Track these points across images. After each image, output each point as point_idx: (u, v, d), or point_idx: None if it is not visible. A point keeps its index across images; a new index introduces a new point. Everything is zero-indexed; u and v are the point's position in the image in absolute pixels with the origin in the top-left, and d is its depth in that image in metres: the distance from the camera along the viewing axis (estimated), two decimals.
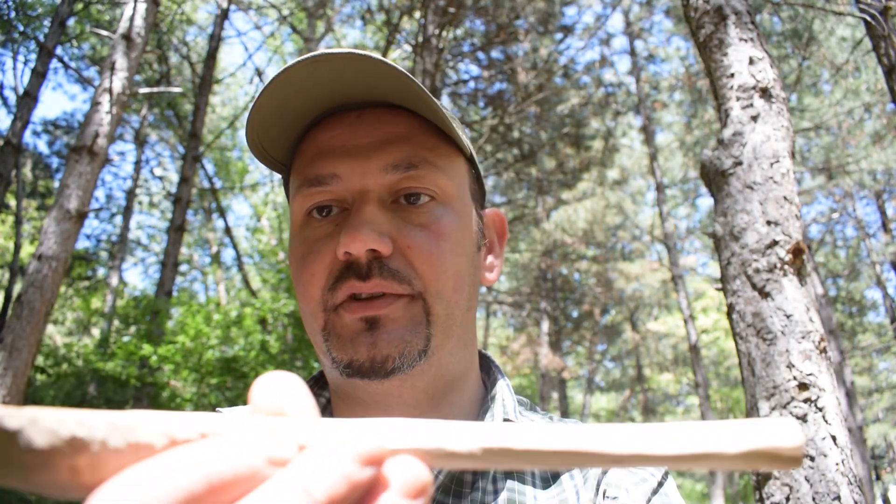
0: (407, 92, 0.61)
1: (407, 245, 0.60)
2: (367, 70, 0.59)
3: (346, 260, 0.59)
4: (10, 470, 0.21)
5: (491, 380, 0.71)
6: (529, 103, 11.89)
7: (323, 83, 0.60)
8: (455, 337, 0.63)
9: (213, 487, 0.21)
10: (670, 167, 17.22)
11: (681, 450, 0.25)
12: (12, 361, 3.96)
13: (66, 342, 11.89)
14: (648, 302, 19.90)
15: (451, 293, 0.62)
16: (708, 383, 13.80)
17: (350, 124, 0.64)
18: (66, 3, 8.66)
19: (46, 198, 14.87)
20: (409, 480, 0.23)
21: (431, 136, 0.65)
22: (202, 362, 6.54)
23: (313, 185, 0.62)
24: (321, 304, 0.61)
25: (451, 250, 0.62)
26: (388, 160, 0.62)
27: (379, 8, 10.55)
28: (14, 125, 8.28)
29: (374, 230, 0.58)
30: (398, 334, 0.59)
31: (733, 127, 2.29)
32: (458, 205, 0.65)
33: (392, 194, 0.62)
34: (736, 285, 2.12)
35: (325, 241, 0.62)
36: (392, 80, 0.60)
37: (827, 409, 1.85)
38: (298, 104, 0.62)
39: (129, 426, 0.23)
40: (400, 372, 0.58)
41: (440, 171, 0.63)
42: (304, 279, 0.62)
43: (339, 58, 0.58)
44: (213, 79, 10.77)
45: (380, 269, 0.59)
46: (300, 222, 0.64)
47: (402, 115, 0.64)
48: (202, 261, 21.02)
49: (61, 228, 4.30)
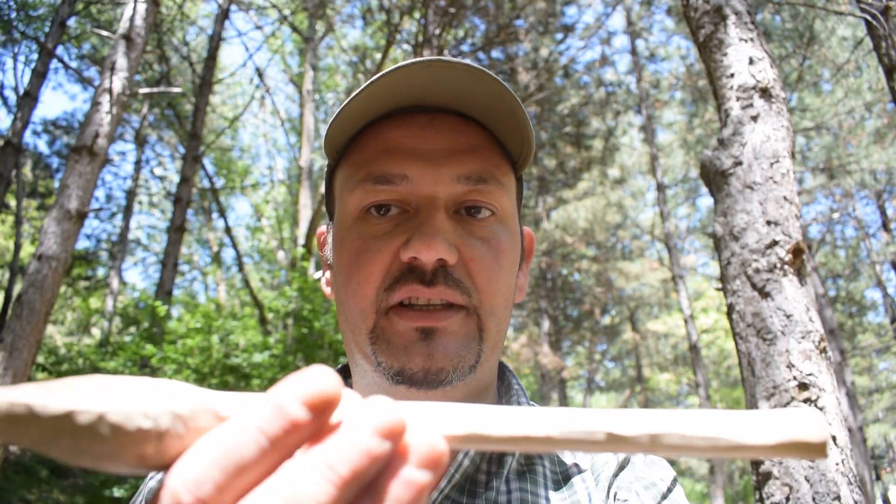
0: (496, 104, 0.61)
1: (470, 258, 0.61)
2: (462, 79, 0.59)
3: (408, 263, 0.59)
4: (83, 459, 0.24)
5: (505, 385, 0.71)
6: (530, 103, 11.88)
7: (416, 83, 0.60)
8: (497, 353, 0.64)
9: (252, 460, 0.23)
10: (671, 166, 17.21)
11: (713, 439, 0.26)
12: (12, 361, 3.96)
13: (66, 342, 11.89)
14: (648, 302, 19.90)
15: (502, 311, 0.62)
16: (708, 383, 13.80)
17: (422, 127, 0.63)
18: (66, 3, 8.66)
19: (46, 198, 14.88)
20: (424, 451, 0.24)
21: (498, 152, 0.65)
22: (204, 363, 6.54)
23: (379, 182, 0.61)
24: (374, 304, 0.60)
25: (506, 267, 0.63)
26: (461, 171, 0.61)
27: (379, 8, 10.55)
28: (14, 125, 8.29)
29: (445, 239, 0.58)
30: (454, 348, 0.59)
31: (733, 127, 2.28)
32: (513, 223, 0.66)
33: (456, 205, 0.63)
34: (736, 285, 2.12)
35: (384, 240, 0.61)
36: (486, 88, 0.60)
37: (827, 409, 1.85)
38: (378, 98, 0.61)
39: (190, 414, 0.25)
40: (449, 385, 0.59)
41: (503, 188, 0.64)
42: (361, 276, 0.61)
43: (453, 67, 0.58)
44: (214, 79, 10.77)
45: (445, 278, 0.58)
46: (356, 216, 0.63)
47: (473, 126, 0.64)
48: (202, 261, 21.03)
49: (61, 228, 4.30)
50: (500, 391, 0.72)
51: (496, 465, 0.63)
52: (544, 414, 0.27)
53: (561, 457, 0.67)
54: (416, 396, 0.60)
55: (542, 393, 15.51)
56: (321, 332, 6.80)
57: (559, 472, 0.65)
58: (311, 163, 11.45)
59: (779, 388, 1.91)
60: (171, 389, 0.26)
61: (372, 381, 0.63)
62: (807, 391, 1.87)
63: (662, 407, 23.10)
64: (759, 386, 1.97)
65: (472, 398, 0.64)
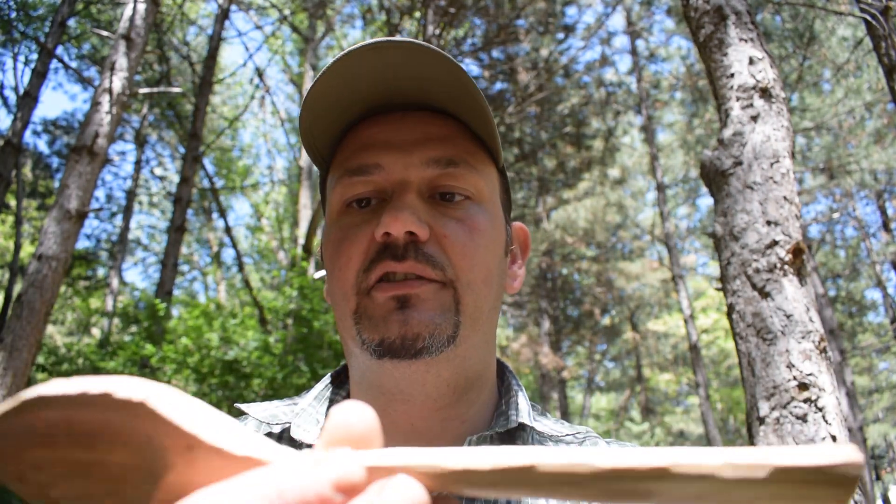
0: (460, 92, 0.63)
1: (443, 234, 0.62)
2: (423, 65, 0.61)
3: (383, 241, 0.61)
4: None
5: (505, 385, 0.72)
6: (530, 103, 11.89)
7: (378, 76, 0.63)
8: (480, 332, 0.65)
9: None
10: (671, 166, 17.21)
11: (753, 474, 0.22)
12: (12, 361, 3.96)
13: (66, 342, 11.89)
14: (648, 302, 19.91)
15: (480, 285, 0.63)
16: (708, 383, 13.80)
17: (394, 122, 0.66)
18: (66, 3, 8.66)
19: (46, 198, 14.87)
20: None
21: (470, 142, 0.67)
22: (203, 363, 6.54)
23: (355, 174, 0.64)
24: (355, 286, 0.62)
25: (483, 245, 0.64)
26: (430, 155, 0.64)
27: (379, 8, 10.55)
28: (14, 125, 8.29)
29: (414, 213, 0.60)
30: (428, 315, 0.60)
31: (733, 127, 2.28)
32: (491, 206, 0.68)
33: (430, 189, 0.65)
34: (736, 285, 2.12)
35: (362, 227, 0.63)
36: (448, 77, 0.62)
37: (827, 409, 1.85)
38: (349, 95, 0.64)
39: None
40: (428, 354, 0.59)
41: (477, 172, 0.66)
42: (341, 262, 0.63)
43: (401, 47, 0.60)
44: (214, 79, 10.77)
45: (415, 252, 0.60)
46: (338, 211, 0.66)
47: (445, 119, 0.67)
48: (202, 261, 21.03)
49: (61, 228, 4.30)
50: (501, 391, 0.72)
51: None
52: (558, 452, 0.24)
53: None
54: (398, 372, 0.61)
55: (542, 393, 15.51)
56: (321, 332, 6.80)
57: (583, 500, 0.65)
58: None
59: (779, 388, 1.91)
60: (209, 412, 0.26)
61: (362, 364, 0.64)
62: (807, 391, 1.87)
63: (662, 406, 23.09)
64: (759, 386, 1.96)
65: (463, 386, 0.64)
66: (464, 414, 0.65)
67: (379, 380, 0.63)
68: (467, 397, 0.65)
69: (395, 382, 0.62)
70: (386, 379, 0.62)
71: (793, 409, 1.86)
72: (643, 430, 21.78)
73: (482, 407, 0.68)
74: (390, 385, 0.62)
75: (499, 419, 0.66)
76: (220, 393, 6.88)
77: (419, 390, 0.62)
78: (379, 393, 0.63)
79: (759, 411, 1.94)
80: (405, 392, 0.62)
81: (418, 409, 0.63)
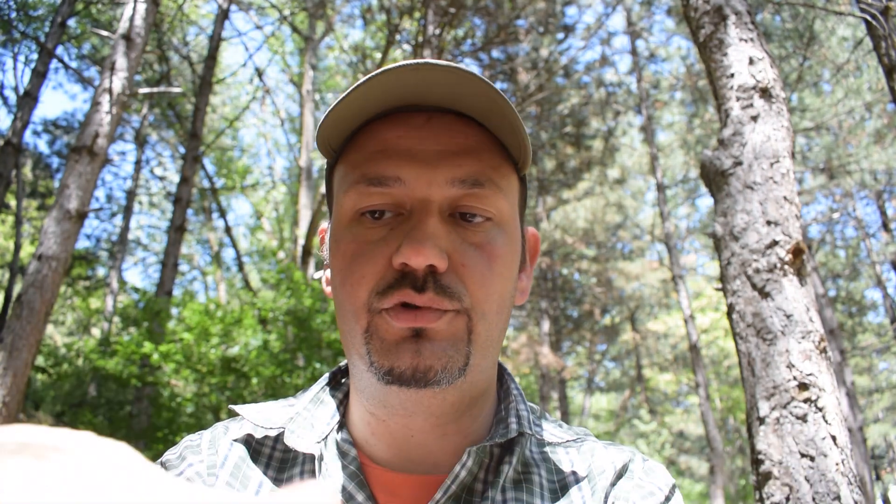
0: (488, 99, 0.60)
1: (462, 263, 0.60)
2: (460, 83, 0.58)
3: (400, 269, 0.59)
4: None
5: (504, 389, 0.71)
6: (530, 103, 11.89)
7: (409, 84, 0.59)
8: (489, 358, 0.64)
9: None
10: (671, 166, 17.21)
11: None
12: (12, 361, 3.96)
13: (66, 342, 11.89)
14: (648, 302, 19.91)
15: (494, 315, 0.62)
16: (708, 383, 13.80)
17: (418, 127, 0.62)
18: (66, 3, 8.66)
19: (46, 198, 14.87)
20: None
21: (497, 153, 0.64)
22: (203, 361, 6.53)
23: (373, 184, 0.61)
24: (366, 305, 0.60)
25: (499, 273, 0.62)
26: (456, 174, 0.60)
27: (379, 8, 10.54)
28: (14, 125, 8.29)
29: (435, 245, 0.57)
30: (442, 347, 0.58)
31: (733, 127, 2.28)
32: (511, 228, 0.65)
33: (451, 208, 0.61)
34: (736, 285, 2.12)
35: (379, 245, 0.60)
36: (478, 89, 0.59)
37: (827, 409, 1.85)
38: (372, 98, 0.60)
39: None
40: (438, 385, 0.58)
41: (501, 192, 0.63)
42: (353, 279, 0.61)
43: (441, 69, 0.57)
44: (214, 79, 10.77)
45: (434, 285, 0.58)
46: (350, 218, 0.63)
47: (471, 125, 0.63)
48: (202, 261, 21.03)
49: (61, 228, 4.30)
50: (500, 395, 0.71)
51: (493, 475, 0.63)
52: None
53: (559, 465, 0.67)
54: (406, 396, 0.59)
55: (542, 393, 15.51)
56: (318, 331, 6.80)
57: (556, 480, 0.65)
58: (311, 163, 11.45)
59: (779, 388, 1.91)
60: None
61: (366, 381, 0.62)
62: (807, 391, 1.87)
63: (662, 406, 23.08)
64: (759, 386, 1.96)
65: (467, 404, 0.64)
66: (466, 428, 0.65)
67: (384, 397, 0.62)
68: (470, 413, 0.65)
69: (399, 402, 0.61)
70: (391, 399, 0.61)
71: (793, 409, 1.86)
72: (651, 430, 21.67)
73: (485, 417, 0.67)
74: (394, 402, 0.61)
75: (498, 427, 0.65)
76: (219, 393, 6.88)
77: (423, 410, 0.61)
78: (381, 406, 0.63)
79: (759, 411, 1.94)
80: (408, 409, 0.61)
81: (419, 424, 0.62)
